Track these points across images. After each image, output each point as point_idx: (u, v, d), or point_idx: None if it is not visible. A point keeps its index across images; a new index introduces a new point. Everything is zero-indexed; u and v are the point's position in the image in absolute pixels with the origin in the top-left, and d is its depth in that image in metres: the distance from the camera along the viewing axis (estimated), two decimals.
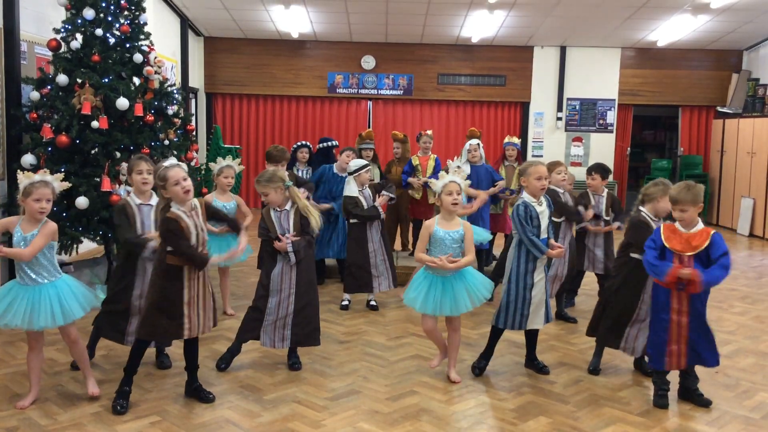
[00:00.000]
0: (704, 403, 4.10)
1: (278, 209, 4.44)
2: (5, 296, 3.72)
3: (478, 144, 6.99)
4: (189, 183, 3.79)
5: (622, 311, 4.48)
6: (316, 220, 4.41)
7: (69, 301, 3.81)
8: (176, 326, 3.82)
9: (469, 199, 6.24)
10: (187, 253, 3.76)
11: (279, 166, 6.06)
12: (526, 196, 4.42)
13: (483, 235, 6.35)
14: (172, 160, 3.87)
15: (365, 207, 5.87)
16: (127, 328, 4.28)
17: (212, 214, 4.19)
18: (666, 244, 3.96)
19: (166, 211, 3.79)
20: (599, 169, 6.01)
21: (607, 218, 5.96)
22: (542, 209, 4.40)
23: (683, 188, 3.94)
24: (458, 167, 5.89)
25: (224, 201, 5.69)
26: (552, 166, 5.66)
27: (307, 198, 5.98)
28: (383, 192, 5.99)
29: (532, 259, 4.35)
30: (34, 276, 3.74)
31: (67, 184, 3.97)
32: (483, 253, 6.89)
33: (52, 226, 3.80)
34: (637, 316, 4.42)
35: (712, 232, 3.92)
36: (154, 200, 4.33)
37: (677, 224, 3.99)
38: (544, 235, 4.38)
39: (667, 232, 3.98)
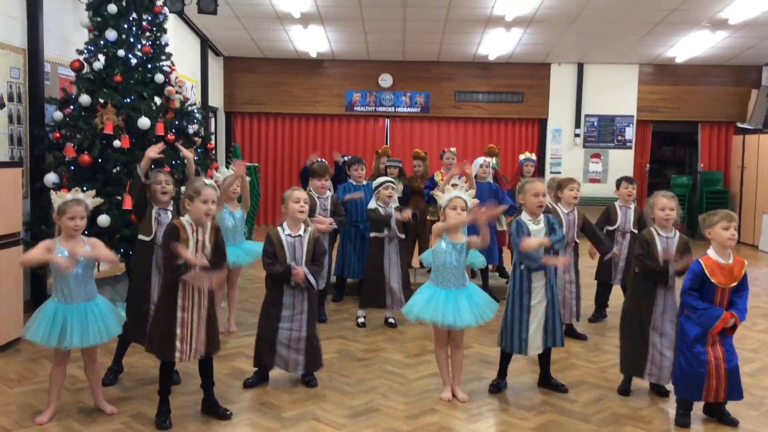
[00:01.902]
0: (731, 422, 4.03)
1: (292, 235, 4.40)
2: (54, 318, 3.76)
3: (489, 162, 7.04)
4: (214, 208, 3.84)
5: (634, 336, 4.40)
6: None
7: (111, 317, 3.92)
8: (169, 348, 3.79)
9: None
10: (164, 255, 3.76)
11: (323, 180, 6.08)
12: (524, 214, 4.41)
13: (477, 258, 6.35)
14: (212, 182, 3.92)
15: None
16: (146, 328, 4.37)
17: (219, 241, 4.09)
18: (712, 279, 3.90)
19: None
20: (629, 179, 6.26)
21: (635, 230, 6.07)
22: (539, 228, 4.36)
23: (729, 211, 4.01)
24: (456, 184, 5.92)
25: (232, 209, 5.71)
26: (564, 183, 5.65)
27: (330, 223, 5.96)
28: (407, 209, 5.97)
29: (528, 277, 4.32)
30: (83, 293, 3.83)
31: (99, 200, 4.07)
32: (487, 272, 6.93)
33: (94, 240, 3.95)
34: (653, 335, 4.32)
35: (745, 261, 3.99)
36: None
37: (715, 256, 3.94)
38: (540, 251, 4.31)
39: (711, 267, 3.92)
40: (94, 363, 4.00)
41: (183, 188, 4.03)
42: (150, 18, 6.33)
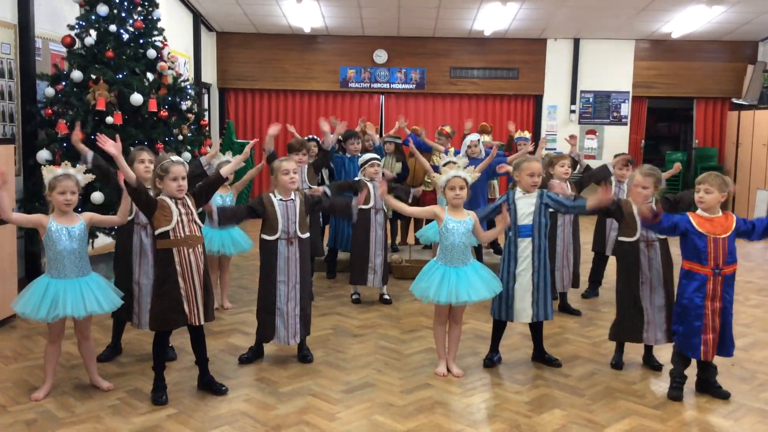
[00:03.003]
0: (722, 395, 4.07)
1: (283, 199, 4.40)
2: (45, 292, 3.75)
3: (479, 139, 7.04)
4: (185, 183, 3.85)
5: (626, 302, 4.45)
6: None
7: (107, 291, 3.92)
8: (178, 312, 3.82)
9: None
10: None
11: (299, 155, 6.07)
12: (518, 190, 4.43)
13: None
14: (179, 158, 3.90)
15: (372, 195, 5.89)
16: (133, 306, 4.42)
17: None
18: (700, 230, 3.94)
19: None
20: (626, 161, 6.26)
21: None
22: (529, 201, 4.38)
23: (711, 173, 4.06)
24: (452, 162, 5.92)
25: (222, 193, 5.67)
26: (556, 159, 5.68)
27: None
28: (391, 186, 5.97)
29: (515, 243, 4.39)
30: (76, 269, 3.82)
31: (90, 177, 4.03)
32: (480, 249, 6.94)
33: (88, 214, 3.98)
34: (644, 302, 4.39)
35: (732, 214, 4.05)
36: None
37: (701, 212, 4.01)
38: (526, 221, 4.36)
39: (697, 220, 3.97)
40: (87, 340, 3.99)
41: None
42: None
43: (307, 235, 4.50)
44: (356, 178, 6.13)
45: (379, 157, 6.17)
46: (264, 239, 4.40)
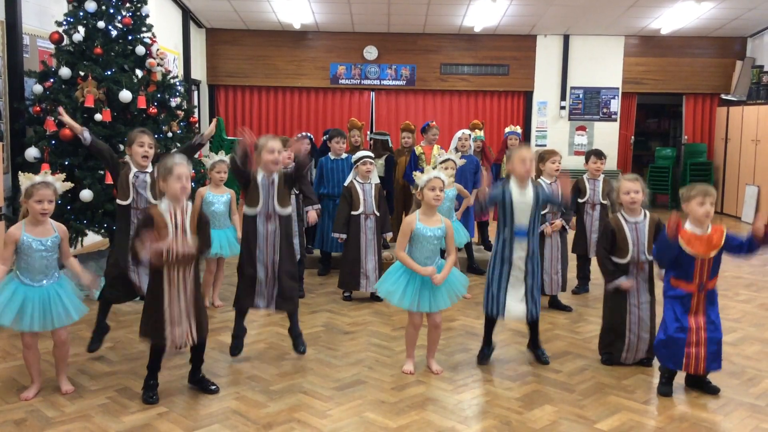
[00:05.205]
0: (712, 391, 4.09)
1: (267, 177, 4.36)
2: (12, 298, 3.67)
3: (470, 135, 7.03)
4: (189, 185, 3.76)
5: (613, 322, 4.48)
6: None
7: (74, 298, 3.84)
8: (159, 333, 3.75)
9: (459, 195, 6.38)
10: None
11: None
12: (513, 181, 4.41)
13: (462, 237, 6.37)
14: (184, 157, 3.85)
15: (361, 200, 5.90)
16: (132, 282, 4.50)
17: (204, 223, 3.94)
18: (688, 249, 3.90)
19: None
20: (598, 154, 6.22)
21: (605, 202, 6.15)
22: (525, 194, 4.34)
23: (710, 187, 4.00)
24: (450, 159, 5.94)
25: (218, 193, 5.67)
26: (547, 155, 5.68)
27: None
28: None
29: (510, 246, 4.37)
30: (42, 278, 3.74)
31: (68, 185, 3.95)
32: (470, 247, 6.96)
33: (64, 229, 3.87)
34: (630, 323, 4.41)
35: (724, 228, 3.98)
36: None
37: (692, 228, 3.94)
38: (523, 221, 4.34)
39: (687, 238, 3.91)
40: (64, 345, 3.92)
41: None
42: None
43: (288, 211, 4.47)
44: (348, 179, 6.10)
45: (372, 155, 6.15)
46: (246, 215, 4.41)
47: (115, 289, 4.52)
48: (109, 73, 5.87)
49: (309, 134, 7.27)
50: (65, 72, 5.81)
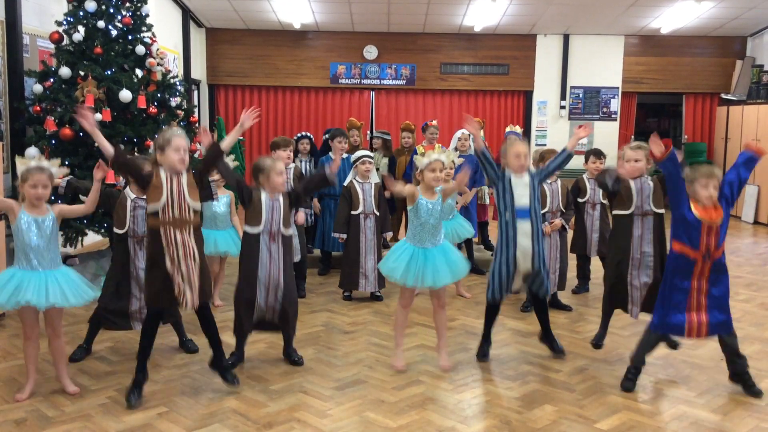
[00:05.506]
0: (754, 393, 4.05)
1: (272, 198, 4.29)
2: (9, 281, 3.67)
3: (469, 135, 7.04)
4: (187, 157, 3.79)
5: (616, 272, 4.60)
6: None
7: (78, 284, 3.83)
8: (169, 293, 3.75)
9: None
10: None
11: (287, 151, 6.06)
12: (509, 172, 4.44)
13: (466, 230, 6.34)
14: (181, 130, 3.85)
15: (361, 200, 5.89)
16: (129, 309, 4.40)
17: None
18: (700, 216, 3.87)
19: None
20: (597, 153, 6.21)
21: (605, 202, 6.14)
22: (523, 182, 4.35)
23: (715, 168, 3.99)
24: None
25: (219, 194, 5.66)
26: (547, 155, 5.67)
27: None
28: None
29: (513, 226, 4.34)
30: (44, 262, 3.74)
31: (65, 170, 3.96)
32: (471, 244, 6.94)
33: (59, 209, 3.87)
34: (632, 270, 4.54)
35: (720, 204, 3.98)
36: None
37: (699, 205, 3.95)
38: (523, 201, 4.33)
39: (697, 208, 3.91)
40: (58, 338, 3.90)
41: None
42: None
43: (291, 231, 4.41)
44: (347, 179, 6.10)
45: (371, 154, 6.16)
46: (247, 232, 4.30)
47: (108, 321, 4.43)
48: (109, 72, 5.87)
49: (309, 134, 7.26)
50: (65, 72, 5.81)
